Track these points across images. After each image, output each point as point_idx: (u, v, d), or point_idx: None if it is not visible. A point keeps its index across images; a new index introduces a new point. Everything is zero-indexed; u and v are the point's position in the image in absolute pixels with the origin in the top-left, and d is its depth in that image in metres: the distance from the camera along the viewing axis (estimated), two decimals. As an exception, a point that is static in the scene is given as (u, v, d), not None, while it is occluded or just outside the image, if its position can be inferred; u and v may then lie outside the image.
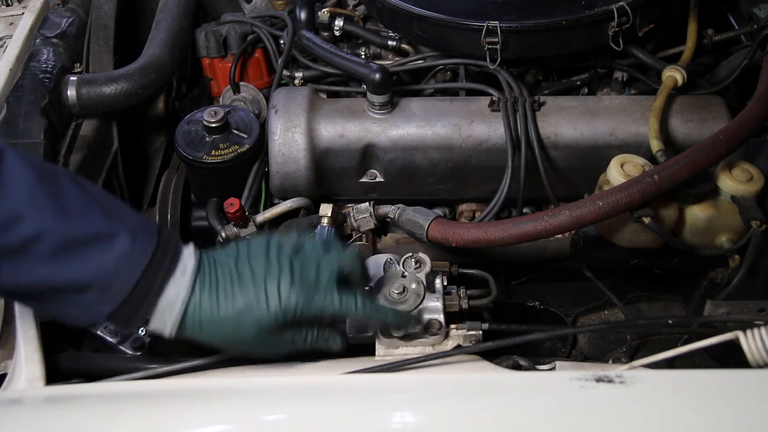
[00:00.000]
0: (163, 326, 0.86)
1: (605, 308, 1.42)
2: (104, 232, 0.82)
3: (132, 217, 0.86)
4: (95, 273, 0.81)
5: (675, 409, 0.70)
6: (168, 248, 0.86)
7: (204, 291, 0.87)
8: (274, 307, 0.87)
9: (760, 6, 1.38)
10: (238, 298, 0.87)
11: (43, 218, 0.79)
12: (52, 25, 1.42)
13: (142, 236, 0.84)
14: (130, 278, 0.82)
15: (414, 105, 1.30)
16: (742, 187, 1.08)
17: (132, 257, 0.82)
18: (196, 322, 0.86)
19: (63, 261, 0.80)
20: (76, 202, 0.82)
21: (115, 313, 0.83)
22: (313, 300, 0.88)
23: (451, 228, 1.10)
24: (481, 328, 0.98)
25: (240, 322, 0.87)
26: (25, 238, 0.78)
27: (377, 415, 0.73)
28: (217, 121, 1.30)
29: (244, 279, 0.88)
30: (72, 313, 0.84)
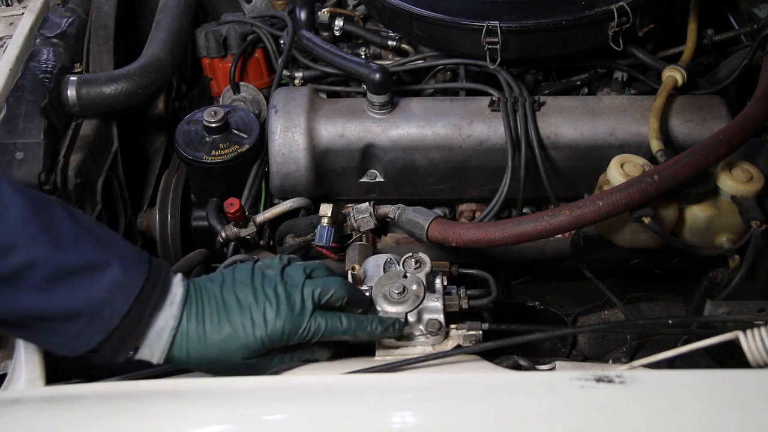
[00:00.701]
0: (151, 354, 0.87)
1: (605, 308, 1.42)
2: (96, 261, 0.83)
3: (123, 247, 0.87)
4: (86, 302, 0.82)
5: (675, 409, 0.70)
6: (159, 278, 0.87)
7: (191, 320, 0.88)
8: (260, 334, 0.88)
9: (760, 6, 1.38)
10: (224, 327, 0.88)
11: (36, 247, 0.80)
12: (52, 25, 1.42)
13: (133, 266, 0.85)
14: (121, 308, 0.83)
15: (414, 105, 1.30)
16: (742, 187, 1.08)
17: (123, 287, 0.83)
18: (183, 350, 0.88)
19: (55, 290, 0.81)
20: (69, 231, 0.83)
21: (104, 343, 0.83)
22: (299, 325, 0.90)
23: (451, 228, 1.10)
24: (481, 328, 0.98)
25: (226, 349, 0.88)
26: (18, 266, 0.79)
27: (377, 415, 0.73)
28: (217, 121, 1.30)
29: (230, 308, 0.89)
30: (61, 342, 0.84)
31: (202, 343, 0.88)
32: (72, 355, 0.85)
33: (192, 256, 1.22)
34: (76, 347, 0.84)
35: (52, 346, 0.86)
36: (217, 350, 0.88)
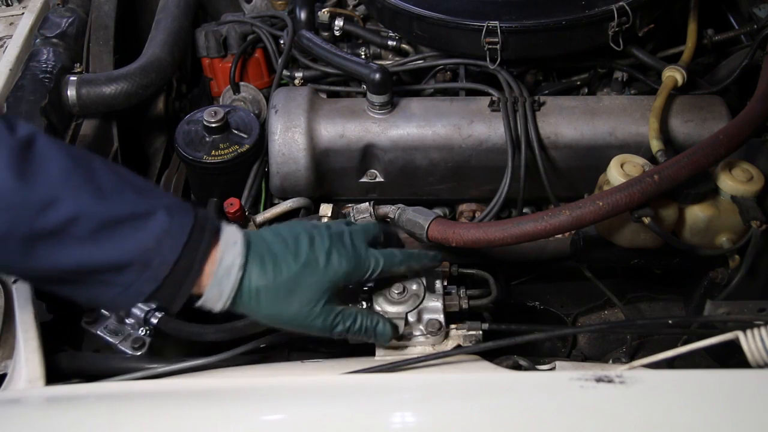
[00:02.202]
0: (218, 296, 0.86)
1: (605, 308, 1.41)
2: (141, 210, 0.82)
3: (167, 197, 0.87)
4: (135, 252, 0.81)
5: (675, 409, 0.70)
6: (205, 225, 0.86)
7: (257, 260, 0.88)
8: (328, 270, 0.89)
9: (760, 6, 1.38)
10: (292, 265, 0.88)
11: (79, 199, 0.79)
12: (52, 25, 1.42)
13: (178, 214, 0.84)
14: (171, 255, 0.82)
15: (414, 105, 1.30)
16: (742, 187, 1.08)
17: (171, 234, 0.82)
18: (253, 288, 0.87)
19: (101, 241, 0.80)
20: (111, 182, 0.82)
21: (157, 293, 0.83)
22: (360, 260, 0.92)
23: (451, 228, 1.10)
24: (481, 328, 0.98)
25: (295, 288, 0.88)
26: (63, 220, 0.78)
27: (377, 415, 0.73)
28: (217, 121, 1.30)
29: (293, 250, 0.90)
30: (112, 294, 0.83)
31: (270, 281, 0.87)
32: (125, 308, 0.86)
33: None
34: (128, 299, 0.83)
35: (104, 299, 0.85)
36: (286, 289, 0.88)
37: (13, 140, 0.78)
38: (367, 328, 0.93)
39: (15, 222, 0.77)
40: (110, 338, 1.05)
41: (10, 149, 0.77)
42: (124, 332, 1.05)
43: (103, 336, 1.05)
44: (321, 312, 0.90)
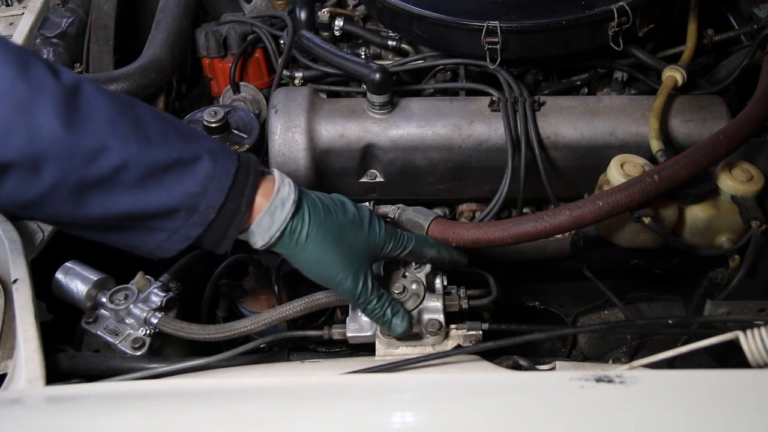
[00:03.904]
0: (268, 226, 0.88)
1: (605, 308, 1.42)
2: (186, 156, 0.83)
3: (210, 141, 0.88)
4: (181, 197, 0.83)
5: (675, 409, 0.70)
6: (249, 167, 0.88)
7: (310, 201, 0.91)
8: (371, 232, 0.93)
9: (760, 6, 1.38)
10: (341, 216, 0.92)
11: (126, 147, 0.80)
12: (52, 25, 1.42)
13: (222, 158, 0.86)
14: (216, 200, 0.84)
15: (414, 105, 1.30)
16: (742, 187, 1.08)
17: (215, 179, 0.84)
18: (305, 225, 0.89)
19: (149, 187, 0.81)
20: (156, 128, 0.83)
21: (204, 235, 0.85)
22: (396, 235, 0.96)
23: (451, 228, 1.10)
24: (481, 328, 0.98)
25: (341, 235, 0.91)
26: (112, 168, 0.79)
27: (377, 415, 0.73)
28: (217, 121, 1.30)
29: (340, 207, 0.93)
30: (159, 239, 0.85)
31: (321, 221, 0.90)
32: (170, 253, 0.86)
33: (192, 256, 1.21)
34: (175, 244, 0.86)
35: (151, 245, 0.87)
36: (333, 233, 0.90)
37: (59, 87, 0.78)
38: (386, 314, 0.94)
39: (65, 171, 0.78)
40: (110, 338, 1.05)
41: (57, 97, 0.78)
42: (123, 332, 1.05)
43: (103, 336, 1.05)
44: (356, 275, 0.91)
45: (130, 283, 1.09)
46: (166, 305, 1.07)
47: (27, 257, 1.03)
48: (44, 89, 0.77)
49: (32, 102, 0.76)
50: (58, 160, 0.77)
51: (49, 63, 0.81)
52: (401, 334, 0.95)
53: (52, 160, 0.77)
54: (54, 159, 0.77)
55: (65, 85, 0.79)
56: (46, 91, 0.77)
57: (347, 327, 1.00)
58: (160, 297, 1.07)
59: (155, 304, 1.06)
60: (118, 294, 1.07)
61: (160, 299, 1.07)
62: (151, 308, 1.06)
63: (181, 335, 1.02)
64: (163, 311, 1.06)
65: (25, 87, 0.76)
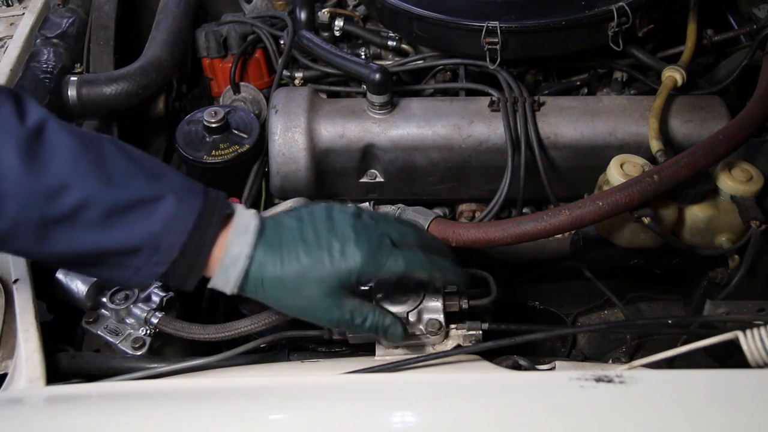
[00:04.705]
0: (225, 283, 0.87)
1: (605, 308, 1.41)
2: (149, 195, 0.83)
3: (177, 179, 0.87)
4: (143, 236, 0.83)
5: (675, 409, 0.70)
6: (215, 207, 0.87)
7: (267, 249, 0.88)
8: (340, 266, 0.87)
9: (759, 6, 1.38)
10: (302, 257, 0.87)
11: (87, 186, 0.81)
12: (53, 25, 1.42)
13: (187, 197, 0.85)
14: (178, 239, 0.84)
15: (414, 105, 1.30)
16: (742, 187, 1.09)
17: (178, 218, 0.84)
18: (259, 279, 0.87)
19: (111, 226, 0.82)
20: (120, 167, 0.84)
21: (168, 274, 0.85)
22: (380, 259, 0.89)
23: (451, 228, 1.10)
24: (481, 328, 0.98)
25: (303, 281, 0.87)
26: (73, 206, 0.80)
27: (377, 415, 0.73)
28: (217, 121, 1.30)
29: (308, 239, 0.89)
30: (125, 275, 0.86)
31: (278, 272, 0.87)
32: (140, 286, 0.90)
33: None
34: (140, 279, 0.86)
35: (118, 280, 0.88)
36: (293, 282, 0.87)
37: (22, 129, 0.80)
38: (378, 327, 0.92)
39: (26, 209, 0.79)
40: (110, 338, 1.05)
41: (19, 139, 0.79)
42: (124, 332, 1.05)
43: (103, 336, 1.06)
44: (330, 305, 0.89)
45: (130, 283, 1.09)
46: (166, 305, 1.07)
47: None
48: (6, 129, 0.79)
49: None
50: (19, 197, 0.79)
51: (19, 101, 0.83)
52: (399, 341, 0.94)
53: (13, 197, 0.78)
54: (15, 196, 0.78)
55: (28, 127, 0.80)
56: (8, 131, 0.79)
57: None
58: (160, 297, 1.07)
59: (155, 304, 1.06)
60: (119, 294, 1.07)
61: (161, 299, 1.07)
62: (151, 308, 1.06)
63: (181, 335, 1.02)
64: (163, 311, 1.06)
65: None
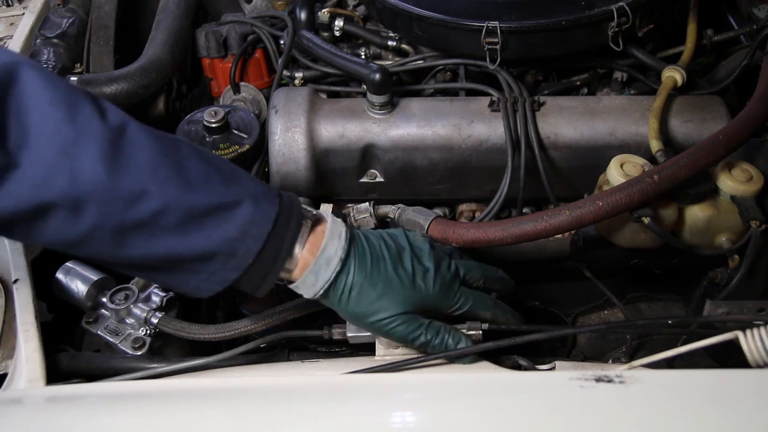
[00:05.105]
0: (313, 283, 0.88)
1: (605, 308, 1.41)
2: (227, 201, 0.83)
3: (252, 183, 0.88)
4: (220, 242, 0.83)
5: (675, 409, 0.70)
6: (291, 213, 0.88)
7: (357, 257, 0.90)
8: (420, 288, 0.91)
9: (759, 6, 1.38)
10: (390, 272, 0.90)
11: (167, 191, 0.80)
12: (53, 25, 1.42)
13: (263, 203, 0.86)
14: (254, 246, 0.84)
15: (414, 105, 1.30)
16: (742, 187, 1.09)
17: (255, 224, 0.84)
18: (348, 285, 0.89)
19: (188, 232, 0.82)
20: (198, 171, 0.84)
21: (241, 279, 0.86)
22: (452, 291, 0.94)
23: (451, 228, 1.10)
24: (481, 328, 0.98)
25: (386, 294, 0.90)
26: (152, 212, 0.80)
27: (377, 415, 0.73)
28: (217, 121, 1.30)
29: (393, 257, 0.92)
30: (197, 281, 0.86)
31: (365, 282, 0.89)
32: (209, 293, 0.87)
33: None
34: (212, 286, 0.86)
35: (189, 286, 0.88)
36: (377, 293, 0.90)
37: (105, 130, 0.79)
38: (448, 346, 0.93)
39: (106, 214, 0.79)
40: (110, 338, 1.05)
41: (102, 140, 0.79)
42: (124, 332, 1.05)
43: (103, 336, 1.06)
44: (404, 321, 0.91)
45: (130, 283, 1.09)
46: (166, 305, 1.07)
47: (27, 257, 1.04)
48: (90, 132, 0.78)
49: (77, 145, 0.78)
50: (100, 203, 0.78)
51: (98, 102, 0.82)
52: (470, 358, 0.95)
53: (94, 202, 0.78)
54: (95, 202, 0.78)
55: (111, 128, 0.80)
56: (91, 134, 0.78)
57: (347, 327, 1.00)
58: (160, 297, 1.07)
59: (155, 303, 1.07)
60: (119, 294, 1.07)
61: (161, 299, 1.07)
62: (151, 308, 1.06)
63: (182, 335, 1.02)
64: (163, 311, 1.06)
65: (71, 129, 0.78)
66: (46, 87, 0.79)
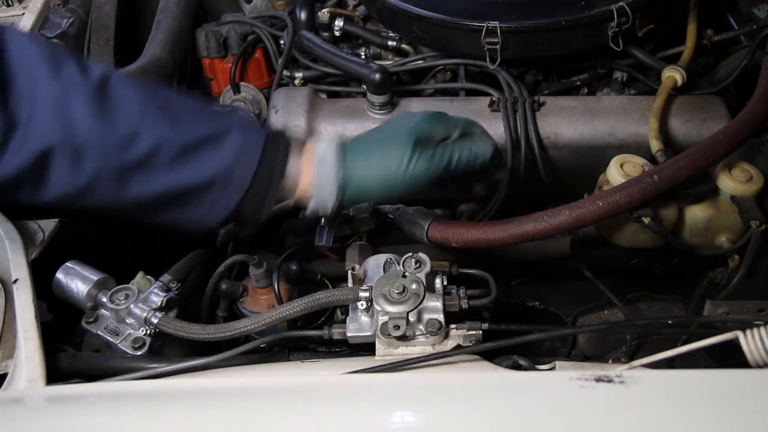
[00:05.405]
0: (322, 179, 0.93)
1: (605, 308, 1.41)
2: (215, 131, 0.89)
3: (237, 115, 0.96)
4: (215, 170, 0.88)
5: (675, 409, 0.70)
6: (279, 139, 0.93)
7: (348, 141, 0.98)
8: (408, 123, 0.98)
9: (759, 6, 1.38)
10: (382, 130, 1.00)
11: (158, 130, 0.86)
12: (53, 25, 1.42)
13: (251, 130, 0.91)
14: (248, 170, 0.89)
15: (414, 105, 1.30)
16: (742, 187, 1.09)
17: (245, 151, 0.89)
18: (355, 147, 0.96)
19: (184, 165, 0.87)
20: (185, 108, 0.90)
21: (242, 204, 0.91)
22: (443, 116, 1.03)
23: (451, 228, 1.10)
24: (481, 328, 0.98)
25: (389, 143, 0.96)
26: (146, 151, 0.85)
27: (377, 415, 0.73)
28: (217, 121, 1.30)
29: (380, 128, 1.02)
30: (202, 213, 0.91)
31: (364, 146, 0.96)
32: (215, 224, 0.93)
33: (192, 257, 1.22)
34: (217, 214, 0.92)
35: (194, 219, 0.94)
36: (381, 147, 0.96)
37: (88, 84, 0.85)
38: (469, 157, 1.00)
39: (104, 160, 0.85)
40: (110, 338, 1.05)
41: (87, 94, 0.84)
42: (124, 332, 1.05)
43: (103, 336, 1.05)
44: (420, 155, 0.96)
45: (130, 283, 1.09)
46: (166, 305, 1.07)
47: (27, 257, 1.03)
48: (75, 85, 0.84)
49: (65, 98, 0.84)
50: (96, 151, 0.84)
51: (80, 61, 0.87)
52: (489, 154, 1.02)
53: (91, 150, 0.84)
54: (92, 148, 0.84)
55: (93, 80, 0.85)
56: (77, 87, 0.84)
57: (347, 327, 1.00)
58: (160, 297, 1.07)
59: (155, 304, 1.06)
60: (119, 294, 1.07)
61: (161, 299, 1.07)
62: (151, 308, 1.06)
63: (182, 335, 1.02)
64: (163, 311, 1.06)
65: (58, 85, 0.84)
66: (32, 48, 0.85)
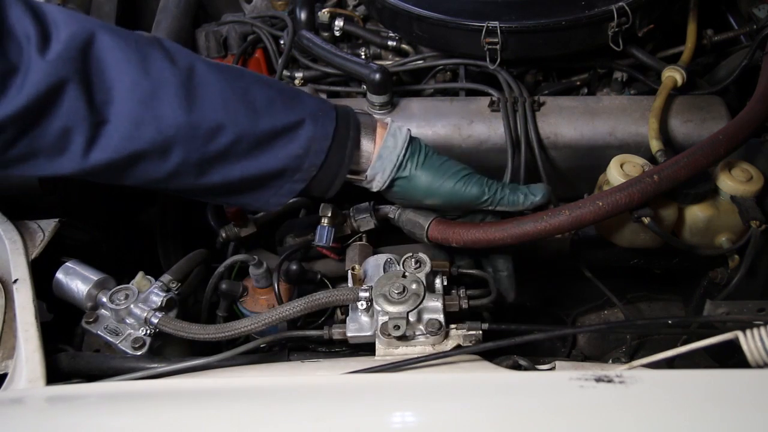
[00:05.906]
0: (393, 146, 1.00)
1: (605, 308, 1.42)
2: (290, 122, 0.94)
3: (310, 101, 0.99)
4: (287, 159, 0.95)
5: (675, 409, 0.70)
6: (349, 125, 0.98)
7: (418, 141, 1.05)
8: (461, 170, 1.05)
9: (759, 6, 1.38)
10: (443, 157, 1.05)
11: (238, 122, 0.91)
12: (53, 25, 1.42)
13: (322, 119, 0.97)
14: (318, 159, 0.96)
15: (414, 105, 1.30)
16: (742, 187, 1.09)
17: (316, 140, 0.96)
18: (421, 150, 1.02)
19: (260, 154, 0.94)
20: (262, 95, 0.94)
21: (309, 187, 0.98)
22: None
23: (451, 228, 1.10)
24: (481, 328, 0.98)
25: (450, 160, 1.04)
26: (228, 143, 0.91)
27: (377, 415, 0.73)
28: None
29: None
30: (268, 196, 0.99)
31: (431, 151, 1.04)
32: (279, 206, 1.01)
33: (192, 257, 1.22)
34: (281, 198, 0.99)
35: (260, 202, 1.01)
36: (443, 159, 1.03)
37: (177, 75, 0.88)
38: (519, 198, 1.05)
39: (189, 151, 0.90)
40: (110, 338, 1.05)
41: (176, 85, 0.88)
42: (124, 332, 1.05)
43: (103, 336, 1.05)
44: (476, 178, 1.03)
45: (130, 283, 1.09)
46: (166, 305, 1.07)
47: (27, 257, 1.03)
48: (164, 81, 0.87)
49: (155, 95, 0.87)
50: (183, 142, 0.89)
51: (164, 48, 0.91)
52: (545, 201, 1.06)
53: (179, 143, 0.89)
54: (180, 142, 0.89)
55: (181, 71, 0.89)
56: (166, 83, 0.87)
57: (347, 327, 1.00)
58: (160, 297, 1.07)
59: (155, 303, 1.06)
60: (119, 294, 1.07)
61: (161, 299, 1.07)
62: (151, 308, 1.06)
63: (182, 335, 1.02)
64: (163, 311, 1.06)
65: (148, 83, 0.87)
66: (119, 45, 0.87)
